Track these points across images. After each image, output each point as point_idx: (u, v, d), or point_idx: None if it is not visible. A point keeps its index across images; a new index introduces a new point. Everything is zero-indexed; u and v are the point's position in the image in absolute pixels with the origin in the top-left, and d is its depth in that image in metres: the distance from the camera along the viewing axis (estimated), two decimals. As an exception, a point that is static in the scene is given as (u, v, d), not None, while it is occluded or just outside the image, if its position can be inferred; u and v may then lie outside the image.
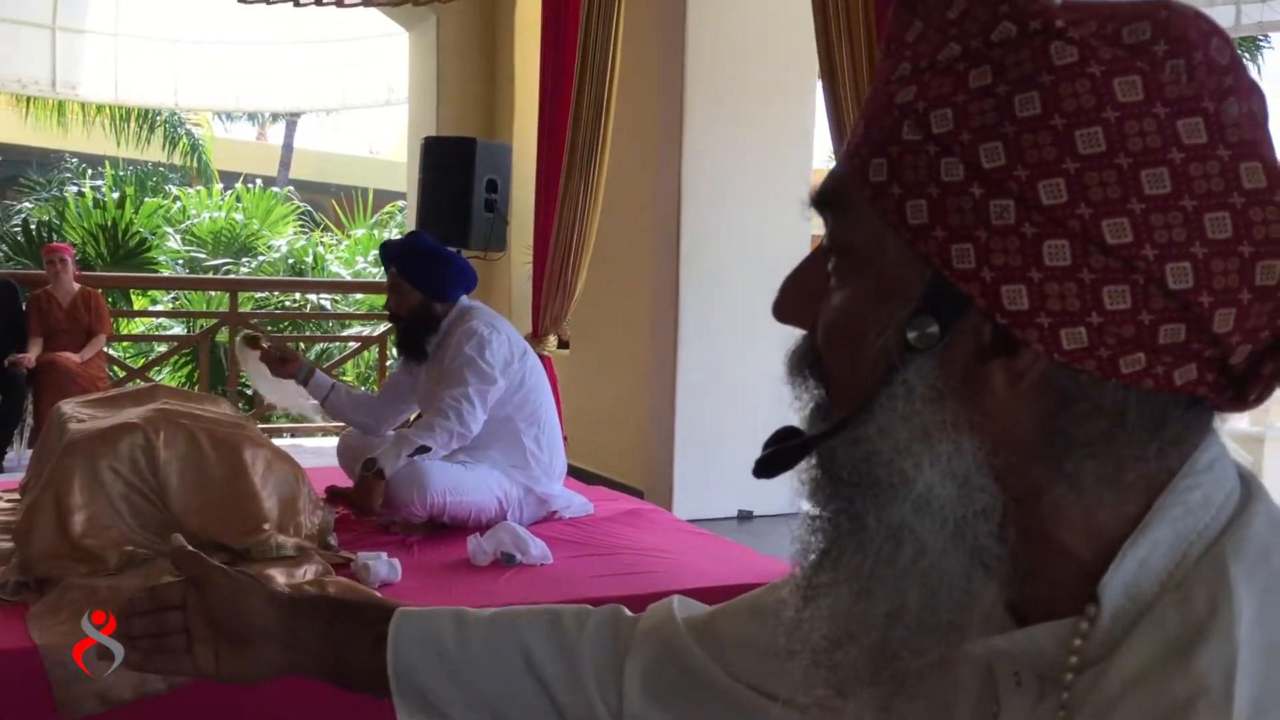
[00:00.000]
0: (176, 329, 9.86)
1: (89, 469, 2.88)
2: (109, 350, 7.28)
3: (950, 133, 0.59)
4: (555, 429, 3.84)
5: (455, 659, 0.96)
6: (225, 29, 11.45)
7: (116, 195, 13.27)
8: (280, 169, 20.37)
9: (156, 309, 11.27)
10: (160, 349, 9.29)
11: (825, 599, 0.65)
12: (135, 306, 10.92)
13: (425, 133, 7.68)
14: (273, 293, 11.38)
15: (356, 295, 11.64)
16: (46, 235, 11.37)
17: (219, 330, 8.13)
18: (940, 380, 0.60)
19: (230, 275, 12.28)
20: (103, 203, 12.73)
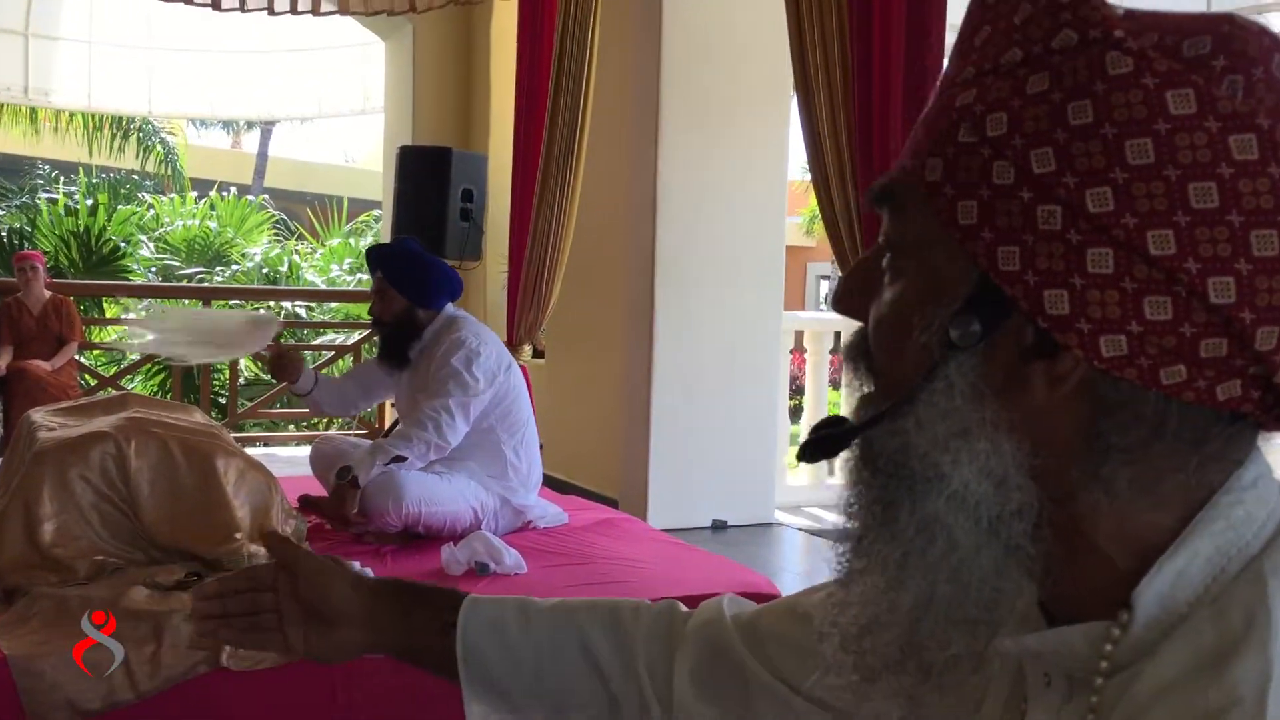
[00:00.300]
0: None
1: (59, 478, 2.86)
2: (80, 358, 7.22)
3: (1004, 136, 0.59)
4: (534, 439, 3.84)
5: (518, 645, 1.00)
6: (200, 37, 11.37)
7: (89, 202, 13.18)
8: (255, 177, 20.28)
9: (129, 317, 11.17)
10: (133, 357, 9.21)
11: (858, 585, 0.66)
12: (108, 315, 10.83)
13: (401, 142, 7.68)
14: (247, 301, 11.31)
15: (331, 304, 11.60)
16: (18, 242, 11.26)
17: (192, 339, 8.06)
18: (981, 379, 0.61)
19: (204, 284, 12.22)
20: (75, 210, 12.62)
